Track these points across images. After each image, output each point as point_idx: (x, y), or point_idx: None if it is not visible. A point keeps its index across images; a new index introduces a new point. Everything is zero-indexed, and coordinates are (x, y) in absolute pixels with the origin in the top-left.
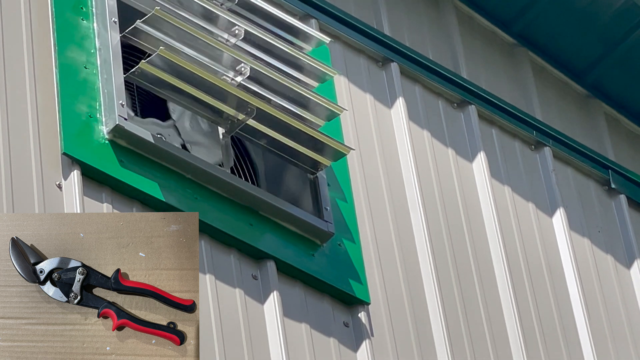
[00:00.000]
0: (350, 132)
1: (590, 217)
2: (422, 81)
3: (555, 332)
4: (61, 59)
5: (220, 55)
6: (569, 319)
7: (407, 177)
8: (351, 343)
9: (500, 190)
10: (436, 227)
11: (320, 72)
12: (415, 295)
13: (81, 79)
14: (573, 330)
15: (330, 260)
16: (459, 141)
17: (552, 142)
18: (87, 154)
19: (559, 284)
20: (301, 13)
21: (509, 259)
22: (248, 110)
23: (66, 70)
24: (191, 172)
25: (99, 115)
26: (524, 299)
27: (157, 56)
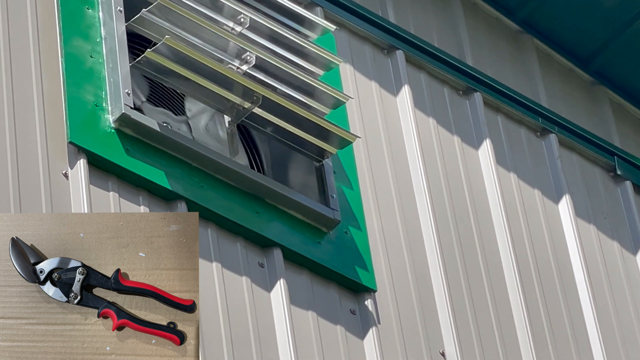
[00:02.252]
0: (356, 119)
1: (596, 204)
2: (428, 69)
3: (561, 317)
4: (67, 48)
5: (226, 43)
6: (575, 305)
7: (413, 165)
8: (358, 330)
9: (506, 177)
10: (442, 214)
11: (325, 60)
12: (421, 282)
13: (87, 68)
14: (579, 315)
15: (336, 248)
16: (464, 128)
17: (558, 128)
18: (93, 143)
19: (565, 271)
20: (306, 1)
21: (515, 246)
22: (254, 99)
23: (72, 59)
24: (197, 160)
25: (104, 104)
26: (531, 285)
27: (162, 45)
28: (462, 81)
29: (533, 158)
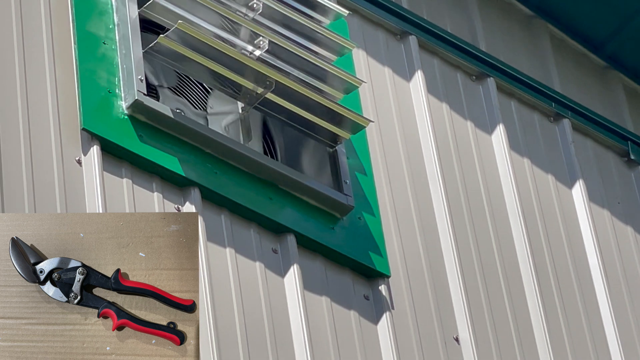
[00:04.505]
0: (369, 105)
1: (610, 189)
2: (441, 54)
3: (575, 300)
4: (80, 34)
5: (239, 29)
6: (589, 290)
7: (426, 150)
8: (372, 316)
9: (520, 163)
10: (456, 199)
11: (338, 45)
12: (435, 267)
13: (100, 55)
14: (593, 299)
15: (350, 234)
16: (477, 114)
17: (571, 113)
18: (107, 130)
19: (578, 256)
20: None
21: (529, 231)
22: (267, 84)
23: (85, 45)
24: (211, 146)
25: (118, 91)
26: (544, 268)
27: (175, 30)
28: (475, 66)
29: (546, 143)
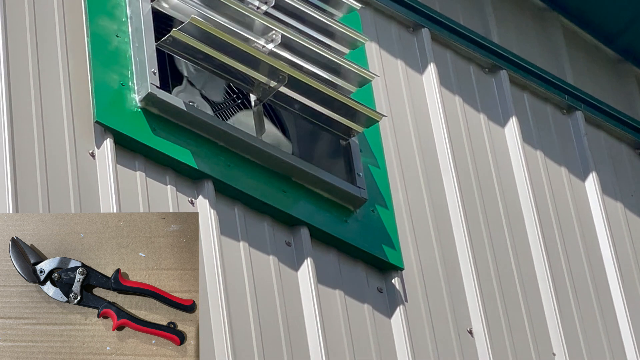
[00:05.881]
0: (382, 98)
1: (623, 181)
2: (453, 47)
3: (588, 294)
4: (93, 27)
5: (252, 22)
6: (602, 281)
7: (439, 143)
8: (385, 309)
9: (533, 155)
10: (469, 192)
11: (351, 38)
12: (448, 260)
13: (113, 48)
14: (606, 292)
15: (363, 227)
16: (490, 106)
17: (584, 106)
18: (120, 122)
19: (592, 248)
20: None
21: (542, 223)
22: (280, 78)
23: (98, 39)
24: (224, 139)
25: (131, 84)
26: (557, 262)
27: (188, 24)
28: (488, 59)
29: (559, 135)
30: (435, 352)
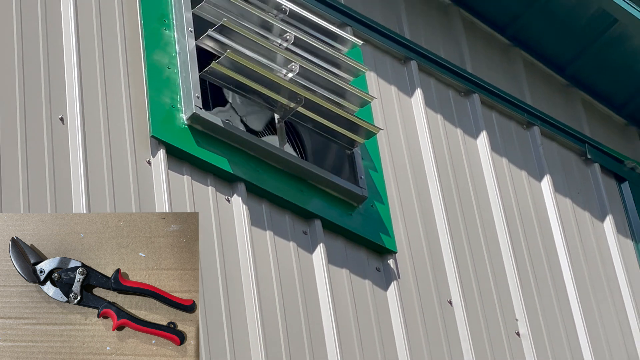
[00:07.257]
0: (379, 116)
1: (571, 182)
2: (436, 75)
3: (544, 271)
4: (149, 60)
5: (275, 56)
6: (554, 262)
7: (425, 152)
8: (382, 284)
9: (499, 162)
10: (448, 191)
11: (354, 68)
12: (432, 245)
13: (165, 77)
14: (558, 271)
15: (364, 218)
16: (465, 123)
17: (540, 122)
18: (171, 137)
19: (546, 234)
20: (339, 22)
21: (507, 216)
22: (298, 100)
23: (153, 69)
24: (254, 149)
25: (179, 106)
26: (519, 246)
27: (225, 58)
28: (464, 85)
29: (521, 146)
30: (422, 319)
